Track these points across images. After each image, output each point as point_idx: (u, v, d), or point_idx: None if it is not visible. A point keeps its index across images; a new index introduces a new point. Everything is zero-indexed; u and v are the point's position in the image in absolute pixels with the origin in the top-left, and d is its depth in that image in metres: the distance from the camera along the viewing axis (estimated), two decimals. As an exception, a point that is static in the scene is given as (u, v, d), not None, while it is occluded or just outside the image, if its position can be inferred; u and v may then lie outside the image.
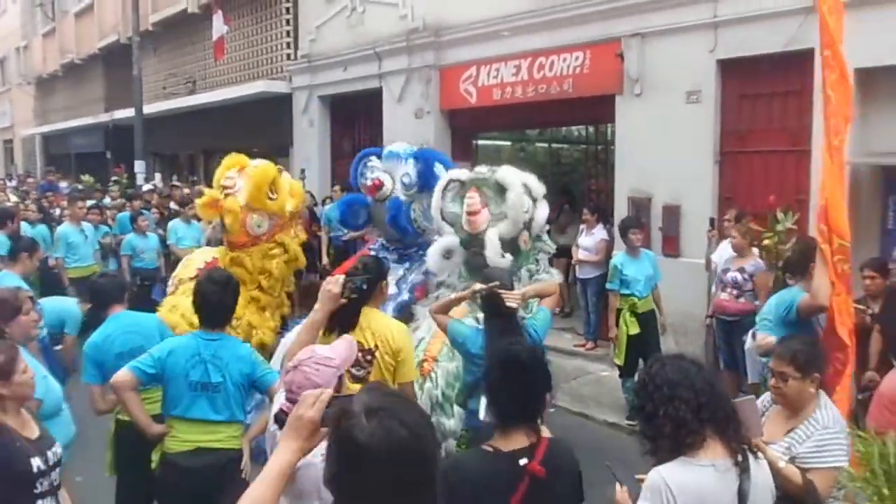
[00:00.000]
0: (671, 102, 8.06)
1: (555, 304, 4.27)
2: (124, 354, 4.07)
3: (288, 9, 14.36)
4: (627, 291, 6.88)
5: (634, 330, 6.76)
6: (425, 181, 6.56)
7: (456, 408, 4.79)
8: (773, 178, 7.48)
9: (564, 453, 2.63)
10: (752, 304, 6.20)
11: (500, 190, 5.54)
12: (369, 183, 6.85)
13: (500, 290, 3.91)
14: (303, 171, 13.26)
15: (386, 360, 3.68)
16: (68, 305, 5.56)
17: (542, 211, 5.72)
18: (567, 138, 13.34)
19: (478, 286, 3.97)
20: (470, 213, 5.42)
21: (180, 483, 3.69)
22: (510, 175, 5.58)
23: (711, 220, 7.52)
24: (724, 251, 6.84)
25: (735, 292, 6.47)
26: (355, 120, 13.16)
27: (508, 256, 5.32)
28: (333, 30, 13.00)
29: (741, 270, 6.39)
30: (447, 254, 5.71)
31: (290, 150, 14.50)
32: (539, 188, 5.67)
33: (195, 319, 4.01)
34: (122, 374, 3.71)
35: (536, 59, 9.51)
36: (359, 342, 3.60)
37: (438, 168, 6.61)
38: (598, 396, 7.62)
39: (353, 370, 3.61)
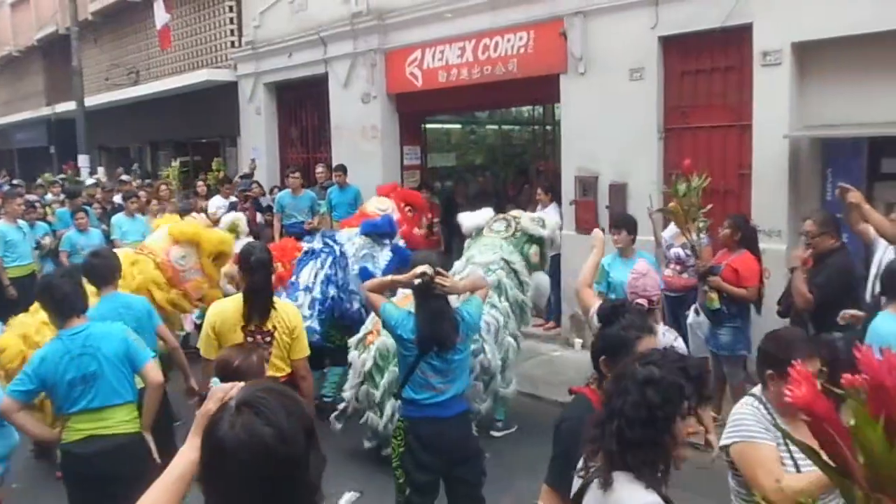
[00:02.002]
0: (615, 80, 8.06)
1: (485, 297, 4.38)
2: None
3: (230, -5, 14.06)
4: (612, 296, 6.14)
5: None
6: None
7: (386, 380, 5.21)
8: (717, 153, 7.52)
9: None
10: (695, 280, 6.24)
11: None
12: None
13: (434, 275, 3.87)
14: (252, 160, 13.03)
15: (283, 339, 4.10)
16: None
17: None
18: (518, 119, 13.32)
19: (419, 269, 3.92)
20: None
21: (78, 471, 3.78)
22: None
23: (650, 198, 7.53)
24: (671, 228, 6.87)
25: (678, 268, 6.51)
26: (302, 106, 12.96)
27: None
28: (277, 16, 12.75)
29: (684, 246, 6.42)
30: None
31: (237, 140, 14.25)
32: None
33: (38, 338, 4.37)
34: (4, 403, 3.68)
35: (481, 41, 9.44)
36: (259, 326, 4.11)
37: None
38: (549, 377, 7.63)
39: None
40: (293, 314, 4.22)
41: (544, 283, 6.43)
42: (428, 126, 12.11)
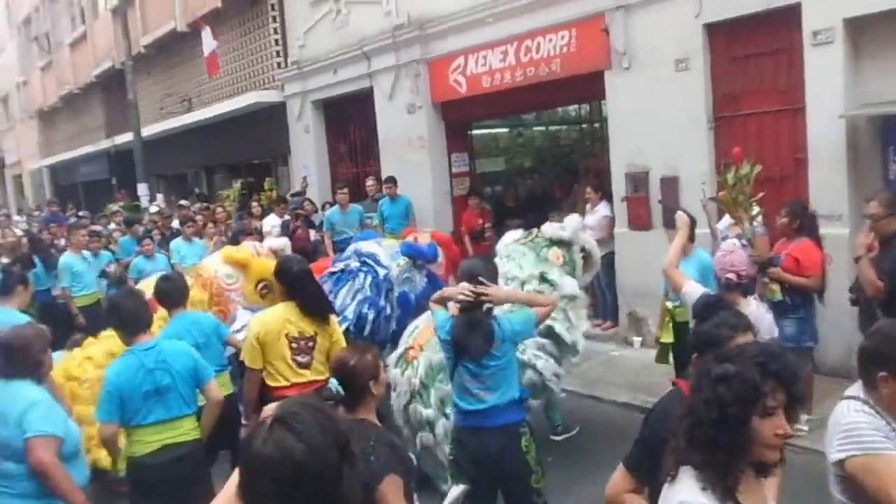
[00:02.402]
0: (660, 73, 7.92)
1: (543, 315, 4.18)
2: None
3: (275, 17, 14.31)
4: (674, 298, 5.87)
5: (668, 338, 6.03)
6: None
7: (434, 397, 4.86)
8: (770, 139, 7.32)
9: None
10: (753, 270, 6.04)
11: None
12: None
13: (478, 284, 3.91)
14: (304, 178, 13.23)
15: (324, 344, 4.32)
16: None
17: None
18: (564, 119, 13.20)
19: (462, 287, 3.95)
20: None
21: (151, 480, 3.93)
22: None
23: (703, 189, 7.35)
24: (726, 219, 6.68)
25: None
26: (349, 121, 13.09)
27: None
28: (320, 33, 12.93)
29: (739, 237, 6.23)
30: None
31: (288, 159, 14.48)
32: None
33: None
34: (102, 430, 3.97)
35: (523, 43, 9.39)
36: (301, 331, 4.32)
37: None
38: (608, 377, 7.51)
39: (299, 358, 4.31)
40: (332, 318, 4.53)
41: (569, 287, 5.78)
42: (475, 132, 12.09)
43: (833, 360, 6.73)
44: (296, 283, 4.39)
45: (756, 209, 5.74)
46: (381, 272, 6.41)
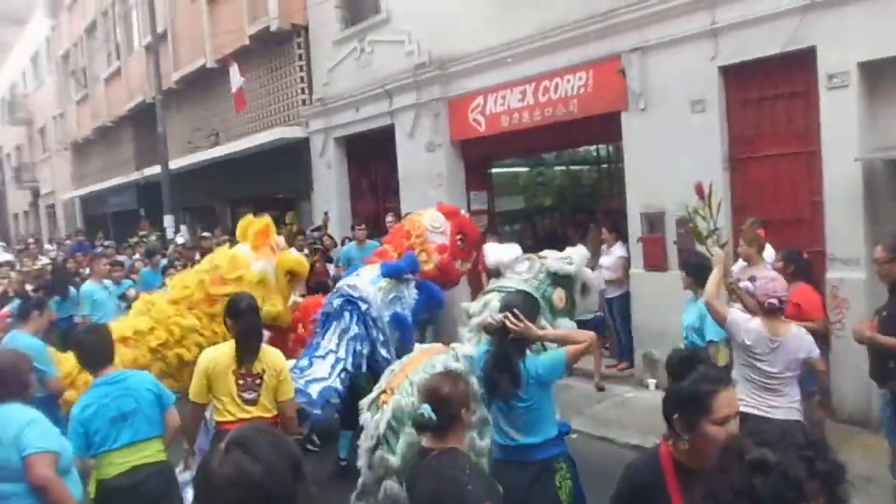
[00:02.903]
0: (676, 114, 7.95)
1: (576, 354, 4.06)
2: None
3: (300, 55, 14.61)
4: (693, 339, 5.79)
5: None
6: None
7: (402, 443, 4.49)
8: (785, 182, 7.29)
9: None
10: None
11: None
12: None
13: (510, 317, 3.90)
14: (325, 213, 13.37)
15: (271, 382, 4.39)
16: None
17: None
18: (586, 159, 13.23)
19: (495, 316, 3.96)
20: None
21: (121, 499, 4.06)
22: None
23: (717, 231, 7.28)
24: (740, 262, 6.63)
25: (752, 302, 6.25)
26: (370, 158, 13.26)
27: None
28: (344, 72, 13.17)
29: (752, 279, 6.18)
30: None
31: (311, 194, 14.65)
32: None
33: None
34: (80, 462, 4.08)
35: (541, 83, 9.49)
36: (249, 369, 4.38)
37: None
38: (621, 419, 7.43)
39: (245, 394, 4.37)
40: (279, 357, 4.56)
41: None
42: (495, 170, 12.17)
43: (850, 407, 6.61)
44: (240, 319, 4.44)
45: (722, 240, 5.57)
46: (363, 307, 6.24)
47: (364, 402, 4.96)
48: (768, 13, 7.11)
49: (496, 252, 5.66)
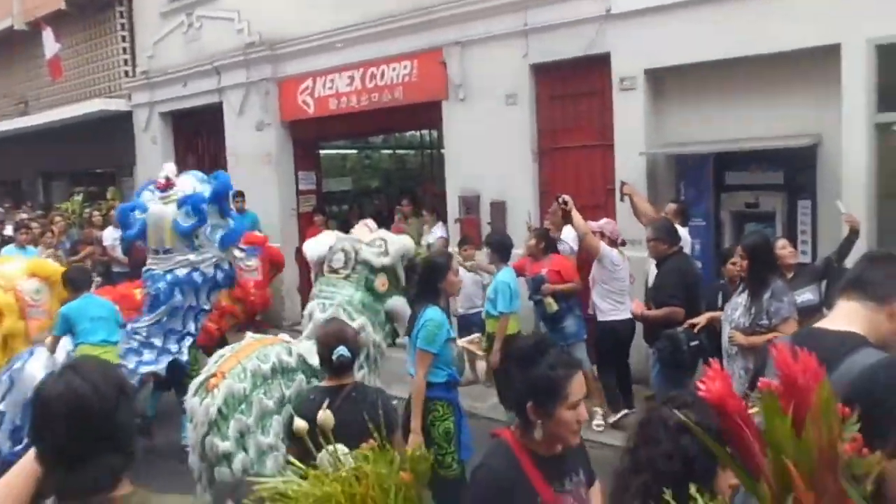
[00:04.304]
0: (492, 105, 8.63)
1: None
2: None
3: (123, 25, 14.09)
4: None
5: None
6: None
7: (234, 429, 4.36)
8: (585, 171, 8.17)
9: None
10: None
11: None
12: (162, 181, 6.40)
13: None
14: (148, 189, 13.03)
15: None
16: None
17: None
18: (412, 144, 13.81)
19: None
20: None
21: None
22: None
23: (529, 213, 8.11)
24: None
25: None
26: (198, 135, 13.11)
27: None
28: (171, 45, 12.89)
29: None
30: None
31: (133, 169, 14.21)
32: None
33: None
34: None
35: (368, 70, 9.89)
36: None
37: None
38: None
39: None
40: None
41: (399, 307, 5.36)
42: (323, 152, 12.44)
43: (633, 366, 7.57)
44: None
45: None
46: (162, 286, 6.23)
47: (192, 386, 4.72)
48: (572, 19, 7.90)
49: (313, 249, 5.63)
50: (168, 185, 6.13)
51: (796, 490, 1.14)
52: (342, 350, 3.44)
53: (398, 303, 5.34)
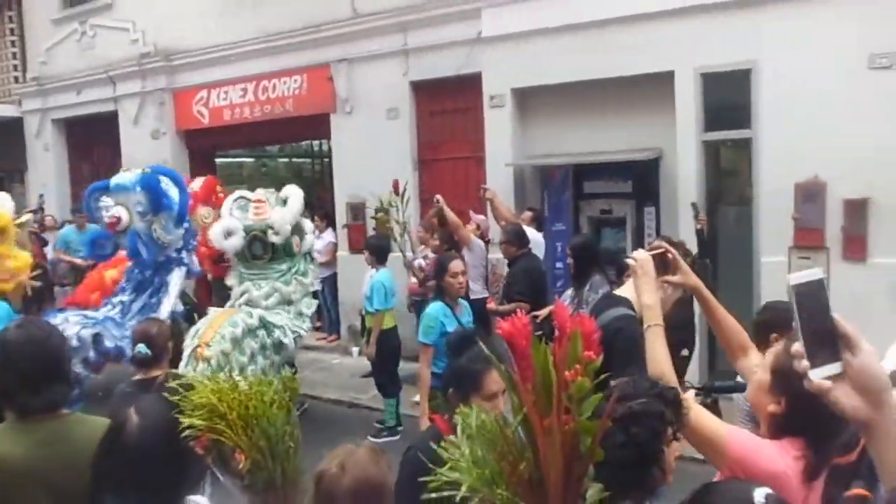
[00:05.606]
0: (376, 119, 9.28)
1: None
2: None
3: (13, 30, 14.04)
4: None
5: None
6: (158, 203, 6.88)
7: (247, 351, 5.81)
8: (460, 180, 8.91)
9: None
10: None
11: (283, 202, 6.57)
12: (107, 220, 7.01)
13: None
14: (41, 196, 13.07)
15: None
16: None
17: (308, 226, 7.01)
18: (307, 152, 14.27)
19: None
20: (257, 202, 6.42)
21: None
22: (292, 190, 6.72)
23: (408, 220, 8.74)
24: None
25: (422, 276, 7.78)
26: (93, 143, 13.22)
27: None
28: (64, 52, 12.99)
29: (425, 258, 7.69)
30: (227, 234, 6.41)
31: (24, 175, 14.16)
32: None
33: None
34: None
35: (261, 83, 10.38)
36: None
37: (166, 183, 6.98)
38: (327, 380, 8.62)
39: None
40: None
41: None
42: (221, 160, 12.79)
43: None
44: None
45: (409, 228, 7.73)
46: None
47: (184, 358, 5.53)
48: (447, 41, 8.64)
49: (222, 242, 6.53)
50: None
51: (525, 403, 1.39)
52: (140, 348, 3.92)
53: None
